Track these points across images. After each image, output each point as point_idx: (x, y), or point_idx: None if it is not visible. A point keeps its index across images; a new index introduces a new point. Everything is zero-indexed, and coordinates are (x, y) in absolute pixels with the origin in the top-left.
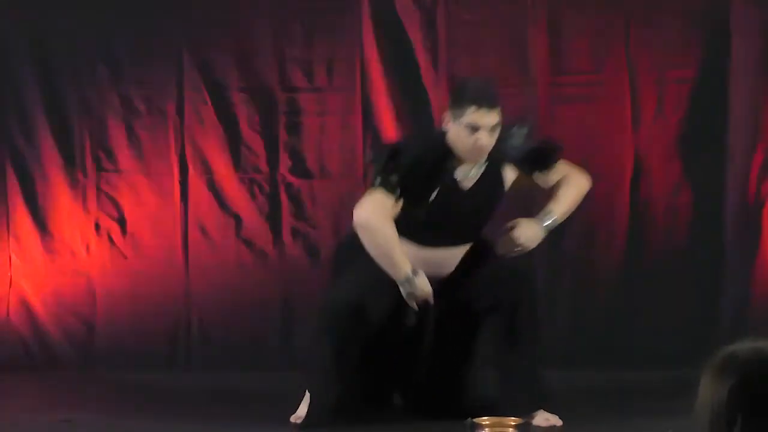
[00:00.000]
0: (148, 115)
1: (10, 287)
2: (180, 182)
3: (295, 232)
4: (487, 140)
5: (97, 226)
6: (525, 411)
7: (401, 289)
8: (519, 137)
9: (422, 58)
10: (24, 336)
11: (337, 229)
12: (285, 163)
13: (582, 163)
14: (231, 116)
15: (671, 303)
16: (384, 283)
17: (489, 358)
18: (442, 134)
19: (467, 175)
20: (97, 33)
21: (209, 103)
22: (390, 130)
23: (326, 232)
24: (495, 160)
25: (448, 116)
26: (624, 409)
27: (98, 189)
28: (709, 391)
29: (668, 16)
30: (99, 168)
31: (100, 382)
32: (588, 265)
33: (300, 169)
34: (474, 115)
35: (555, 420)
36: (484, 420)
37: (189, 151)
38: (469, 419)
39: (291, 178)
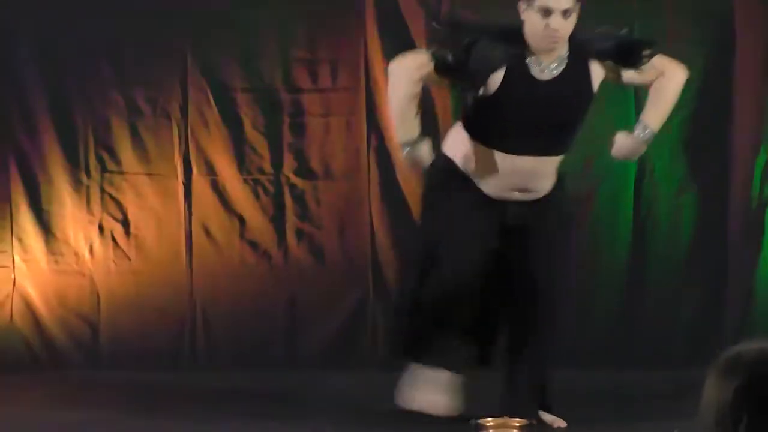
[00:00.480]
0: (152, 116)
1: (13, 289)
2: (184, 183)
3: (299, 233)
4: (560, 24)
5: (101, 228)
6: (530, 412)
7: (402, 152)
8: (608, 35)
9: None
10: (28, 338)
11: (341, 229)
12: (289, 164)
13: (588, 162)
14: (235, 117)
15: (675, 304)
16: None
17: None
18: (518, 23)
19: (545, 67)
20: (101, 33)
21: (213, 104)
22: (394, 130)
23: (331, 233)
24: (580, 54)
25: (521, 5)
26: (628, 410)
27: (102, 190)
28: (715, 391)
29: (672, 15)
30: (103, 169)
31: (105, 384)
32: (592, 266)
33: (304, 170)
34: None
35: (559, 422)
36: (489, 421)
37: (193, 153)
38: (473, 420)
39: (295, 179)
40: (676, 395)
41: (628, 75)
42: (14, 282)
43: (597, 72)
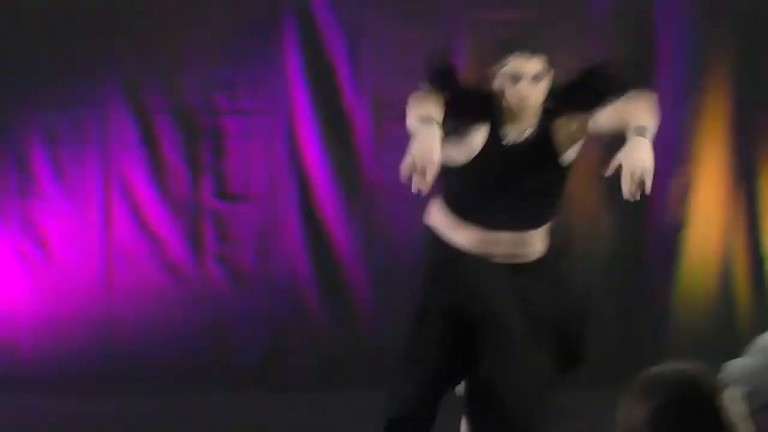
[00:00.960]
0: (72, 138)
1: None
2: (103, 206)
3: (218, 256)
4: (529, 90)
5: (20, 250)
6: None
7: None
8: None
9: (346, 81)
10: None
11: (261, 251)
12: (209, 186)
13: None
14: (155, 139)
15: (593, 324)
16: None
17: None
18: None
19: (517, 136)
20: (20, 54)
21: (133, 126)
22: (314, 152)
23: (250, 255)
24: (546, 119)
25: (491, 72)
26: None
27: (22, 213)
28: (633, 411)
29: (595, 43)
30: (22, 192)
31: (22, 406)
32: None
33: (224, 192)
34: (514, 62)
35: None
36: None
37: (113, 175)
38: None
39: (215, 202)
40: (592, 415)
41: (592, 123)
42: None
43: (561, 132)
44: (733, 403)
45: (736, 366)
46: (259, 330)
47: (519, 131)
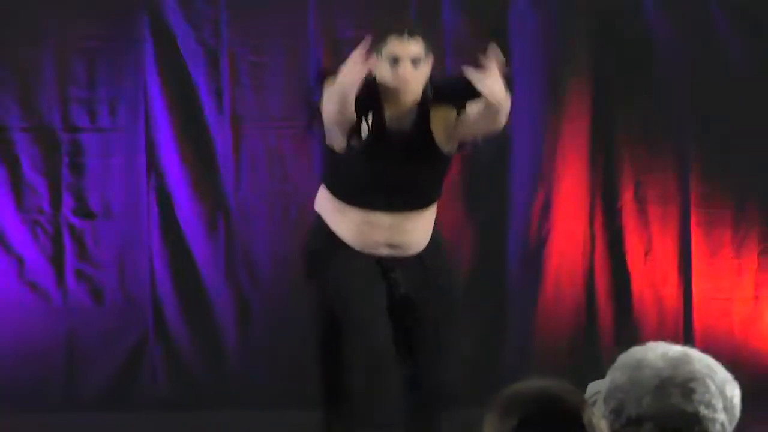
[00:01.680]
0: None
1: None
2: None
3: (78, 274)
4: (409, 71)
5: None
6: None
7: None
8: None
9: (207, 99)
10: None
11: (122, 269)
12: (68, 203)
13: None
14: (13, 156)
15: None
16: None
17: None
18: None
19: (396, 119)
20: None
21: None
22: (175, 170)
23: (110, 273)
24: (425, 105)
25: (373, 57)
26: None
27: None
28: (494, 427)
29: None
30: None
31: None
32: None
33: (83, 209)
34: (393, 44)
35: None
36: None
37: None
38: None
39: (74, 219)
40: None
41: (463, 116)
42: None
43: (438, 120)
44: (598, 419)
45: (598, 384)
46: (117, 348)
47: (400, 116)
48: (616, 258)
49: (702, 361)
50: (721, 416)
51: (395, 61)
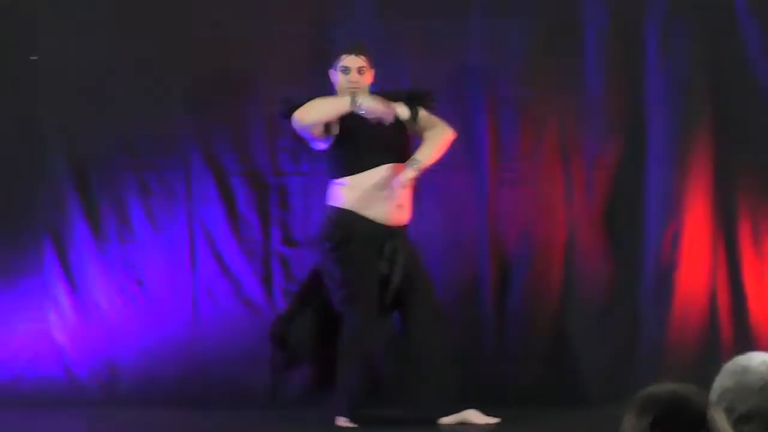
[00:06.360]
0: (162, 194)
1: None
2: (189, 251)
3: (285, 292)
4: (356, 78)
5: (122, 287)
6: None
7: (354, 107)
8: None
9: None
10: (60, 378)
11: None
12: (276, 234)
13: (524, 233)
14: (231, 196)
15: (599, 348)
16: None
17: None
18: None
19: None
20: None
21: (212, 184)
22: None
23: None
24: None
25: (331, 72)
26: None
27: (121, 256)
28: (632, 424)
29: (594, 114)
30: (121, 239)
31: (117, 417)
32: (528, 317)
33: (289, 239)
34: (344, 59)
35: (491, 418)
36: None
37: (196, 225)
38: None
39: (281, 247)
40: (594, 429)
41: (414, 122)
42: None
43: (401, 109)
44: (718, 416)
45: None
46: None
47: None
48: (736, 281)
49: None
50: None
51: (346, 70)
